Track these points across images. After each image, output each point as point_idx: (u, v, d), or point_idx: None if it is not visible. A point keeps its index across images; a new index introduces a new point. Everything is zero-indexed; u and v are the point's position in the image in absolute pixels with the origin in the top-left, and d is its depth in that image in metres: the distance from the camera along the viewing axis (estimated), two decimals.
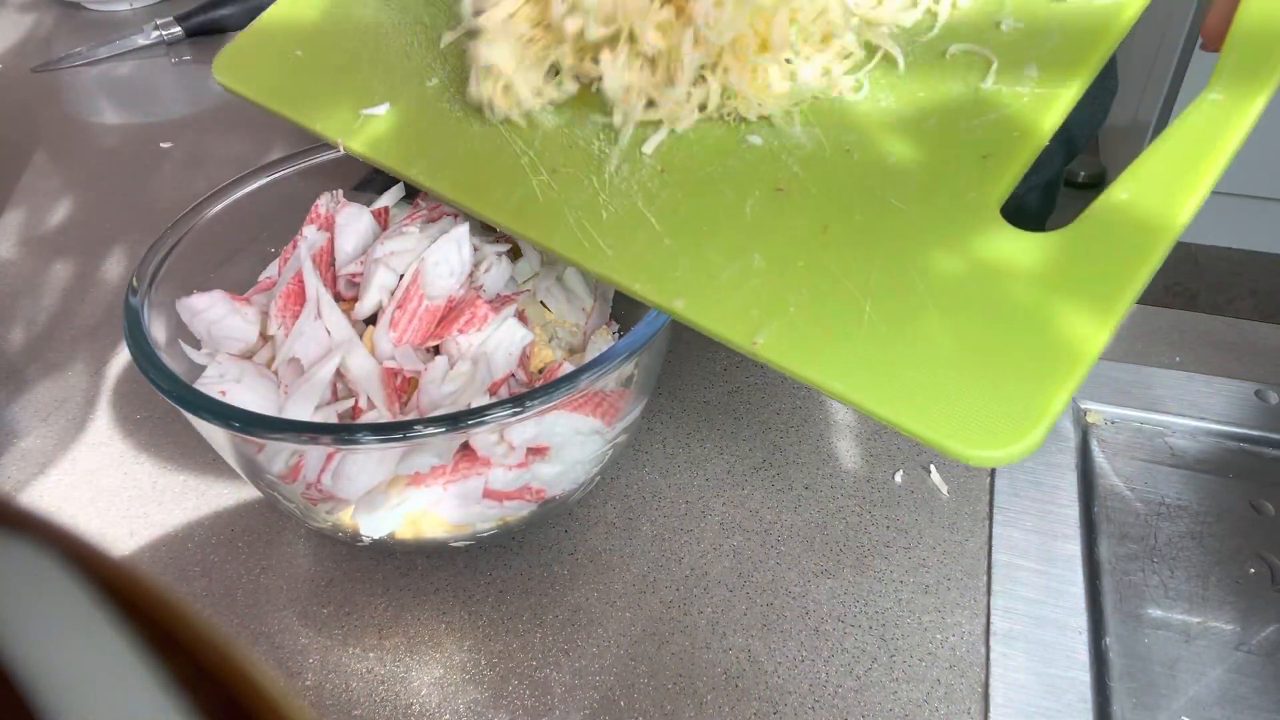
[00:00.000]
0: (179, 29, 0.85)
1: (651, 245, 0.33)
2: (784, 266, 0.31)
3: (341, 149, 0.40)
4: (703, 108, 0.35)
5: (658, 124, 0.35)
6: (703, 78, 0.35)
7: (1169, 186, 0.29)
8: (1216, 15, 0.31)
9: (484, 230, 0.42)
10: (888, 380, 0.28)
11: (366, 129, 0.40)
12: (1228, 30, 0.31)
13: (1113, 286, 0.28)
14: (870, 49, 0.35)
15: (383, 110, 0.40)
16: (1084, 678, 0.36)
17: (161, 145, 0.71)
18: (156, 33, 0.84)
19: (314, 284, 0.38)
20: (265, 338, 0.39)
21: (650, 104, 0.36)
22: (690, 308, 0.31)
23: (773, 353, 0.30)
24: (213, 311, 0.38)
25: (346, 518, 0.36)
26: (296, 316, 0.38)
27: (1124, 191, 0.29)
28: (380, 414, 0.35)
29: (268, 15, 0.45)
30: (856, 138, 0.34)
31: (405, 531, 0.37)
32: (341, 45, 0.43)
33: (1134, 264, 0.28)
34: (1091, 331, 0.27)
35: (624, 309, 0.44)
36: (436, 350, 0.38)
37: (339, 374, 0.36)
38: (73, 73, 0.82)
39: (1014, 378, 0.27)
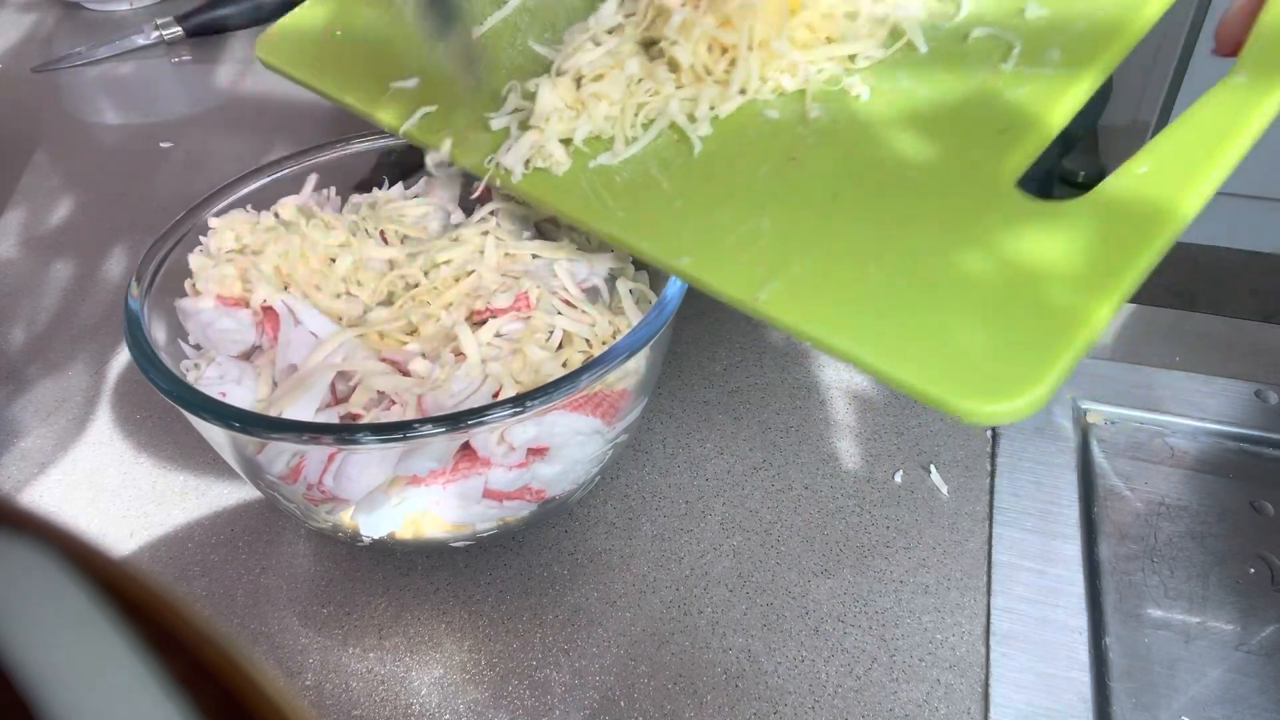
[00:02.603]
0: (179, 29, 0.85)
1: (662, 208, 0.34)
2: (791, 229, 0.32)
3: (397, 131, 0.41)
4: (743, 91, 0.36)
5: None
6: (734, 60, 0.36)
7: (1188, 163, 0.29)
8: (1233, 18, 0.31)
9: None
10: (888, 337, 0.28)
11: (397, 103, 0.40)
12: (1244, 34, 0.31)
13: (1123, 257, 0.28)
14: (896, 34, 0.36)
15: (412, 84, 0.41)
16: (1084, 678, 0.36)
17: (161, 145, 0.71)
18: (156, 33, 0.84)
19: (278, 300, 0.38)
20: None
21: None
22: (695, 265, 0.32)
23: (774, 309, 0.30)
24: (206, 313, 0.38)
25: (347, 518, 0.36)
26: (276, 329, 0.38)
27: (1142, 166, 0.29)
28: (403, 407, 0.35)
29: (310, 1, 0.47)
30: (874, 113, 0.34)
31: (405, 531, 0.37)
32: (379, 24, 0.44)
33: (1146, 237, 0.28)
34: (1098, 300, 0.27)
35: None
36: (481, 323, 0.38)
37: (342, 375, 0.36)
38: (73, 73, 0.82)
39: (1018, 339, 0.27)
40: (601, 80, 0.36)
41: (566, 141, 0.36)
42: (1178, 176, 0.29)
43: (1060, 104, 0.32)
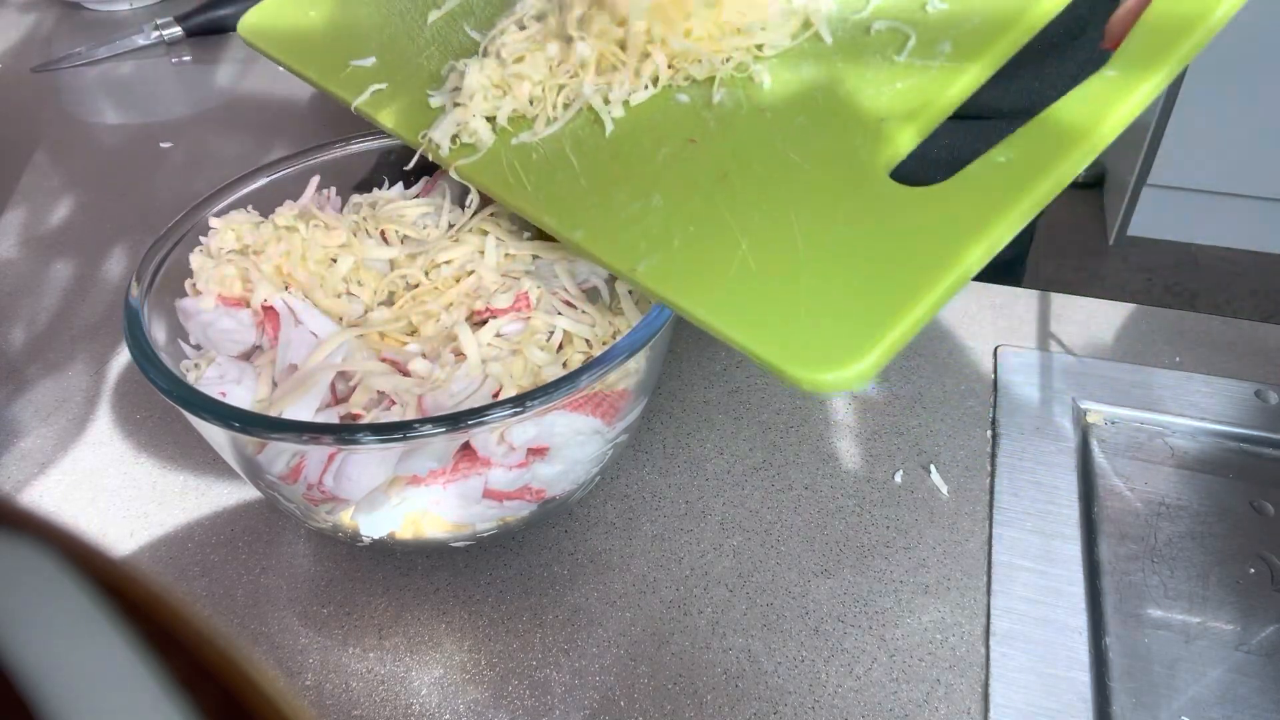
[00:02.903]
0: (179, 29, 0.85)
1: (569, 184, 0.36)
2: (679, 207, 0.34)
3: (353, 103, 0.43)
4: (653, 82, 0.38)
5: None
6: (647, 53, 0.37)
7: (1048, 152, 0.30)
8: (1122, 16, 0.33)
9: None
10: (744, 309, 0.30)
11: (354, 80, 0.43)
12: (1128, 29, 0.32)
13: (963, 241, 0.30)
14: (806, 25, 0.38)
15: (369, 63, 0.44)
16: (1084, 678, 0.36)
17: (161, 145, 0.71)
18: (156, 33, 0.84)
19: (278, 300, 0.38)
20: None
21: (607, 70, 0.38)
22: (586, 238, 0.34)
23: (650, 280, 0.32)
24: (207, 313, 0.38)
25: (347, 518, 0.36)
26: (277, 329, 0.38)
27: (1004, 155, 0.31)
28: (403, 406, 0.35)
29: None
30: (774, 100, 0.36)
31: (405, 531, 0.37)
32: (347, 8, 0.47)
33: (989, 223, 0.30)
34: (934, 278, 0.29)
35: None
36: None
37: (342, 376, 0.36)
38: (73, 73, 0.82)
39: (854, 312, 0.29)
40: (523, 62, 0.38)
41: (491, 120, 0.38)
42: (1034, 165, 0.30)
43: (943, 95, 0.34)
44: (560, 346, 0.37)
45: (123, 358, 0.52)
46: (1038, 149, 0.31)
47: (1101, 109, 0.31)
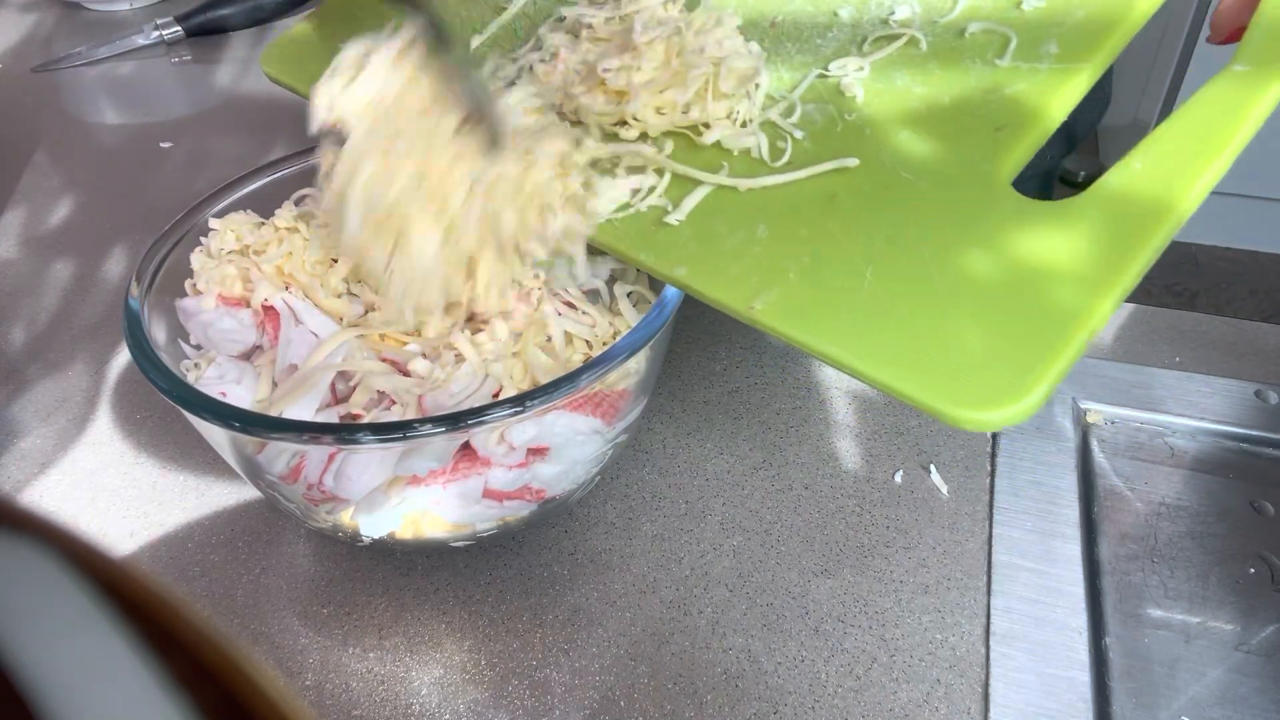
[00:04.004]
0: (179, 29, 0.85)
1: (657, 219, 0.33)
2: (787, 235, 0.31)
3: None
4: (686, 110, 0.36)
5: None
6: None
7: (1185, 157, 0.28)
8: (1230, 5, 0.31)
9: None
10: (884, 345, 0.28)
11: None
12: (1241, 21, 0.30)
13: (1120, 256, 0.27)
14: (892, 37, 0.36)
15: None
16: (1084, 678, 0.36)
17: (161, 145, 0.71)
18: (156, 33, 0.84)
19: (279, 299, 0.38)
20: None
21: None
22: (691, 275, 0.31)
23: (770, 318, 0.30)
24: (207, 313, 0.38)
25: (347, 518, 0.36)
26: (277, 329, 0.38)
27: (1138, 161, 0.29)
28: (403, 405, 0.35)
29: (314, 14, 0.47)
30: (870, 114, 0.34)
31: (405, 531, 0.37)
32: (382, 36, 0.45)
33: (1144, 235, 0.28)
34: (1095, 301, 0.27)
35: None
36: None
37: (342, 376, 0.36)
38: (73, 73, 0.82)
39: (1015, 342, 0.27)
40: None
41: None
42: (1174, 171, 0.28)
43: (1057, 98, 0.32)
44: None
45: (123, 358, 0.52)
46: (1173, 154, 0.29)
47: (1236, 107, 0.29)
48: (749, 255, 0.31)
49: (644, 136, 0.37)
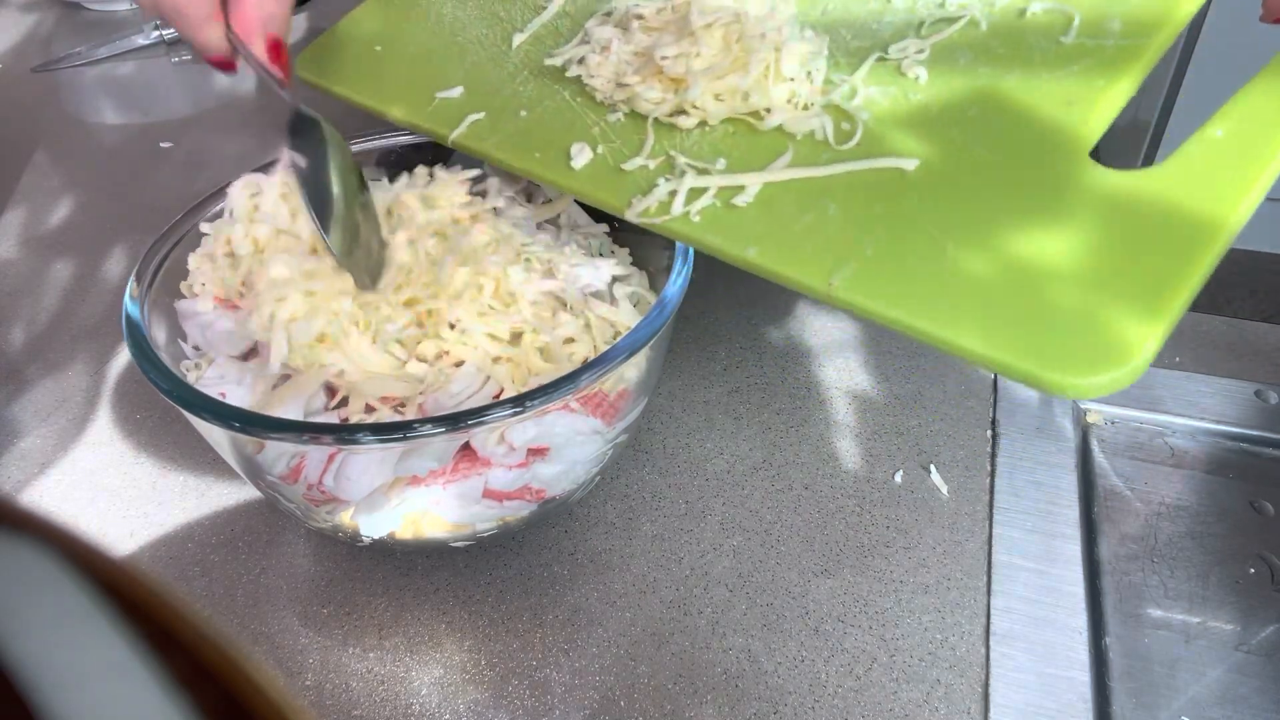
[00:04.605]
0: None
1: (725, 200, 0.33)
2: (860, 212, 0.31)
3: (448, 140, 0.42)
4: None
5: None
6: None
7: (1264, 124, 0.29)
8: None
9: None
10: (974, 315, 0.28)
11: (442, 113, 0.41)
12: None
13: (1213, 216, 0.28)
14: (950, 19, 0.36)
15: (457, 93, 0.42)
16: (1084, 678, 0.36)
17: (161, 145, 0.71)
18: (156, 33, 0.84)
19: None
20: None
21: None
22: (763, 255, 0.31)
23: (850, 293, 0.29)
24: (205, 315, 0.38)
25: (347, 518, 0.36)
26: None
27: (1218, 129, 0.29)
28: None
29: (350, 17, 0.48)
30: (935, 93, 0.34)
31: (405, 531, 0.37)
32: (418, 39, 0.45)
33: (1230, 199, 0.28)
34: (1192, 260, 0.27)
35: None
36: None
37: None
38: (73, 73, 0.82)
39: (1113, 307, 0.27)
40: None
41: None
42: (1255, 138, 0.28)
43: (1128, 71, 0.32)
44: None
45: (123, 358, 0.52)
46: (1254, 118, 0.29)
47: None
48: (821, 234, 0.31)
49: (702, 124, 0.37)
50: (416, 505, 0.36)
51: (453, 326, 0.36)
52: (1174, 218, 0.28)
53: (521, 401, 0.31)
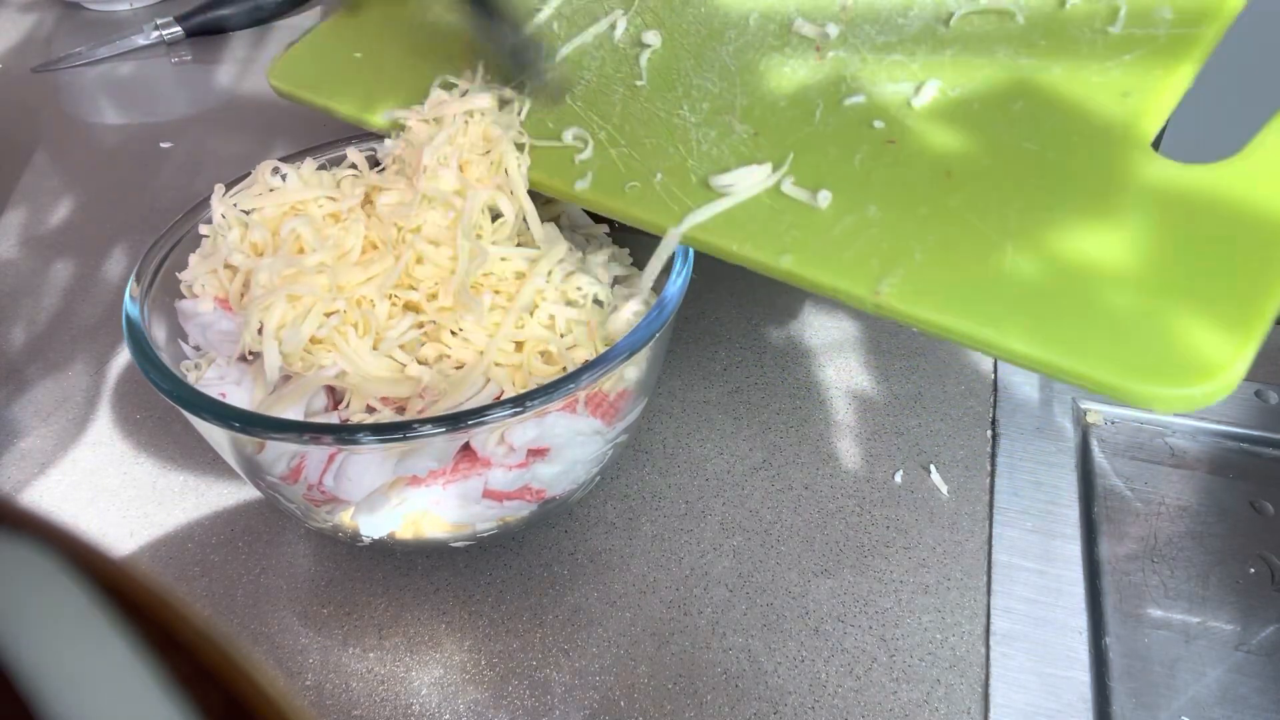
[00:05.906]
0: (179, 29, 0.85)
1: (750, 205, 0.31)
2: (904, 215, 0.29)
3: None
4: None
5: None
6: None
7: None
8: None
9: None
10: (1045, 323, 0.26)
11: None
12: None
13: None
14: (983, 12, 0.35)
15: None
16: (1084, 678, 0.36)
17: (161, 145, 0.71)
18: (156, 33, 0.84)
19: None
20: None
21: None
22: (800, 263, 0.29)
23: (900, 301, 0.27)
24: (205, 315, 0.38)
25: (347, 518, 0.36)
26: None
27: None
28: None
29: (326, 25, 0.47)
30: (974, 88, 0.32)
31: (405, 531, 0.37)
32: (398, 45, 0.44)
33: None
34: (1276, 267, 0.25)
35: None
36: None
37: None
38: (73, 73, 0.82)
39: (1200, 312, 0.25)
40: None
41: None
42: None
43: (1185, 59, 0.30)
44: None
45: (123, 358, 0.52)
46: None
47: None
48: (863, 238, 0.29)
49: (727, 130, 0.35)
50: (416, 505, 0.36)
51: (455, 334, 0.36)
52: (1255, 214, 0.26)
53: (521, 402, 0.31)
